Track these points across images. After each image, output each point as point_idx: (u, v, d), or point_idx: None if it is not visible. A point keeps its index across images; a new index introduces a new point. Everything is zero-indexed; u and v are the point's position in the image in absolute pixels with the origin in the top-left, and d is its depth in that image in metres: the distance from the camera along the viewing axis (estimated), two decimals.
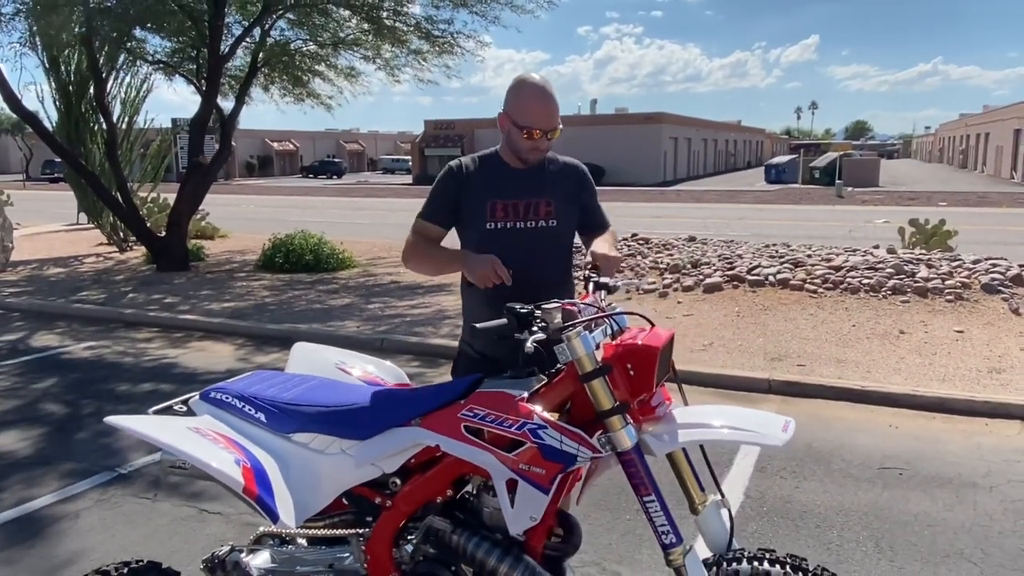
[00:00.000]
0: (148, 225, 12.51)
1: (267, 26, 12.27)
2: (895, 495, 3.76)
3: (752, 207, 26.47)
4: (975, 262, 8.71)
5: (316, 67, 13.60)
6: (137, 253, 13.29)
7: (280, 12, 11.97)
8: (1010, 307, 7.41)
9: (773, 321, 7.39)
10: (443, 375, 5.91)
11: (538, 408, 1.92)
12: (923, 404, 4.99)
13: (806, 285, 8.21)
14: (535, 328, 1.90)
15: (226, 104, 13.43)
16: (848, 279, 8.16)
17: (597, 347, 1.93)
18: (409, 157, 63.07)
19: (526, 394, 1.97)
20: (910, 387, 5.22)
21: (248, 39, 12.12)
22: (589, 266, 2.34)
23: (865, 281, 8.09)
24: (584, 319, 1.93)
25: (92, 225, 15.58)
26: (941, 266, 8.48)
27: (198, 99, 12.08)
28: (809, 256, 9.28)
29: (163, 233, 12.19)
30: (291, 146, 70.31)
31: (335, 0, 11.87)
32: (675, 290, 8.70)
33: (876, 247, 10.12)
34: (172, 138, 20.47)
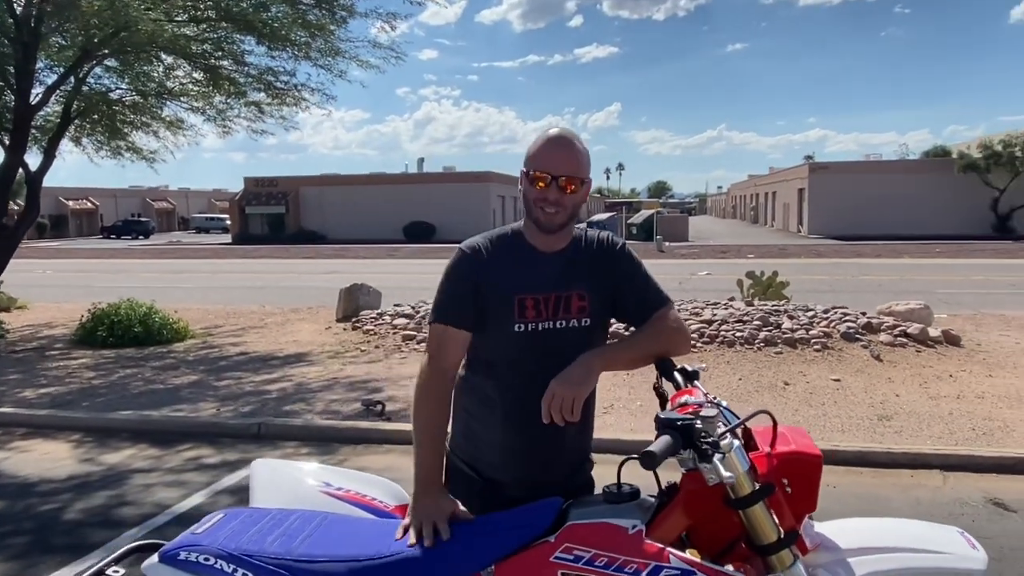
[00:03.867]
0: None
1: (82, 73, 10.96)
2: None
3: None
4: (826, 312, 9.27)
5: (140, 118, 12.36)
6: None
7: (100, 58, 10.74)
8: (871, 354, 7.87)
9: None
10: (343, 464, 5.18)
11: (665, 543, 1.48)
12: (847, 459, 5.00)
13: None
14: (704, 445, 1.46)
15: (30, 158, 11.80)
16: (723, 333, 8.34)
17: None
18: (226, 215, 59.83)
19: (641, 525, 1.51)
20: (829, 443, 5.24)
21: (62, 87, 10.75)
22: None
23: (738, 334, 8.30)
24: (732, 426, 1.52)
25: None
26: (800, 317, 8.92)
27: None
28: (678, 311, 9.44)
29: None
30: (89, 204, 64.36)
31: (167, 47, 10.83)
32: None
33: (732, 299, 10.57)
34: None
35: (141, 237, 56.47)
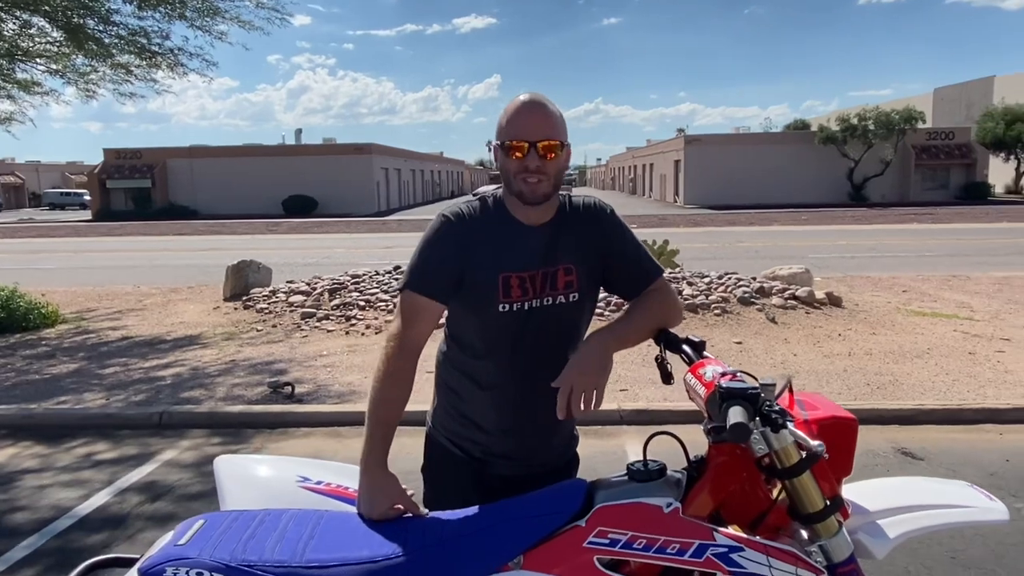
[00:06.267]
0: None
1: None
2: None
3: None
4: (720, 278, 9.62)
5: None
6: None
7: None
8: (767, 317, 8.25)
9: None
10: (260, 452, 4.89)
11: (704, 519, 1.42)
12: None
13: None
14: (774, 415, 1.40)
15: None
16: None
17: None
18: (84, 190, 55.56)
19: (676, 503, 1.45)
20: None
21: None
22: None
23: None
24: (778, 393, 1.48)
25: None
26: (698, 283, 9.22)
27: None
28: None
29: None
30: None
31: (19, 3, 9.76)
32: None
33: None
34: None
35: None
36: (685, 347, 1.76)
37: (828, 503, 1.45)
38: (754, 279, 9.66)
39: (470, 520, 1.53)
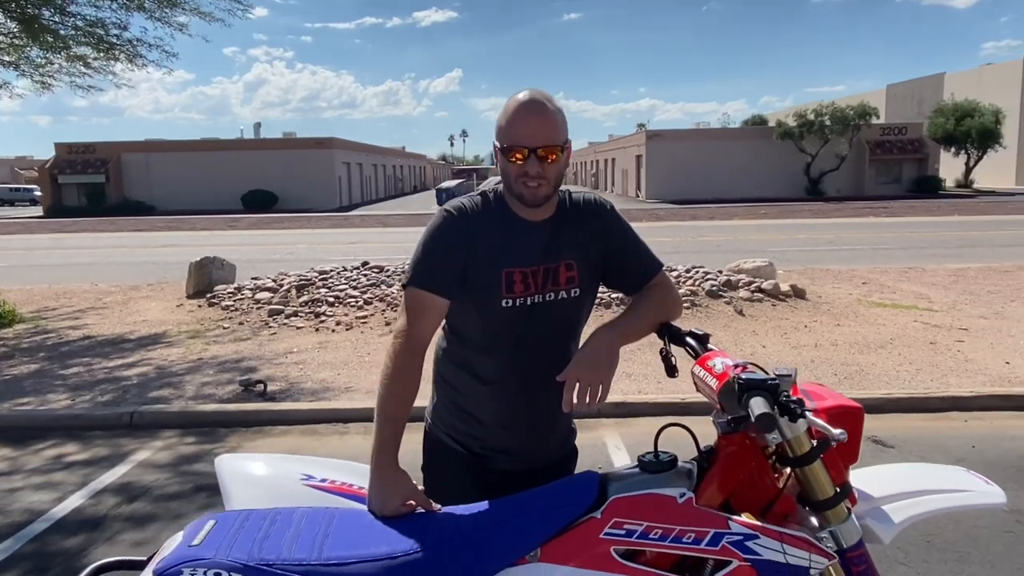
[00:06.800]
0: None
1: None
2: None
3: None
4: (688, 271, 9.75)
5: None
6: None
7: None
8: (735, 309, 8.38)
9: None
10: (236, 451, 4.82)
11: (716, 507, 1.45)
12: None
13: None
14: (792, 405, 1.43)
15: None
16: (598, 294, 8.57)
17: None
18: (34, 186, 54.01)
19: (690, 493, 1.48)
20: None
21: None
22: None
23: (613, 295, 8.56)
24: (790, 381, 1.51)
25: None
26: None
27: None
28: None
29: None
30: None
31: None
32: None
33: None
34: None
35: None
36: (690, 340, 1.80)
37: (838, 490, 1.49)
38: (720, 272, 9.81)
39: (485, 515, 1.54)
